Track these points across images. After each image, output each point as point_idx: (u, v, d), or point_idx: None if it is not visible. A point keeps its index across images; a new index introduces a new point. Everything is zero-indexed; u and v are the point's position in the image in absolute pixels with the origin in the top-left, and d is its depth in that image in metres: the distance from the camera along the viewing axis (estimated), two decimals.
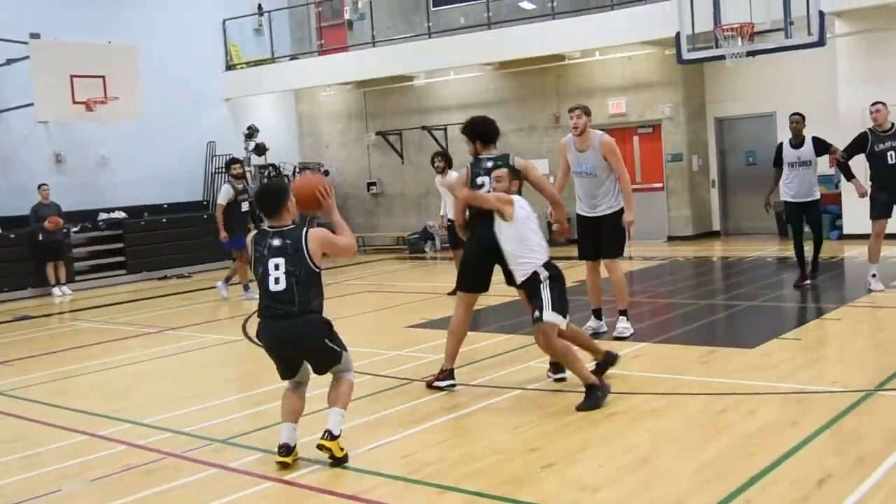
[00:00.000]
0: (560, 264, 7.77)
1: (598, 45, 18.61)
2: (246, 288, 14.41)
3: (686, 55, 15.28)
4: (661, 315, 10.82)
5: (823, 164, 13.03)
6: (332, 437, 5.64)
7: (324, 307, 5.84)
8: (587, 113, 8.95)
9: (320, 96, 23.47)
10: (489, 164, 7.44)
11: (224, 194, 14.35)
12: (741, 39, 14.47)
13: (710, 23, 14.89)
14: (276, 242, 5.64)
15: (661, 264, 15.68)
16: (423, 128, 21.45)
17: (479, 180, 7.43)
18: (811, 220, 11.78)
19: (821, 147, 11.58)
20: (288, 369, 5.90)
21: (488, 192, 7.25)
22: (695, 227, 19.28)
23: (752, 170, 19.33)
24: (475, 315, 11.39)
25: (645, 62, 19.13)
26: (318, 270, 5.71)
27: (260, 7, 22.88)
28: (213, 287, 14.91)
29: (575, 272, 11.69)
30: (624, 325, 9.21)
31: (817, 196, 11.68)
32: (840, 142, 11.87)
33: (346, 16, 22.86)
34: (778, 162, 11.80)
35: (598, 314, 9.44)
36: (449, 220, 13.22)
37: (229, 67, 22.52)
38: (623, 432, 6.09)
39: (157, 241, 19.37)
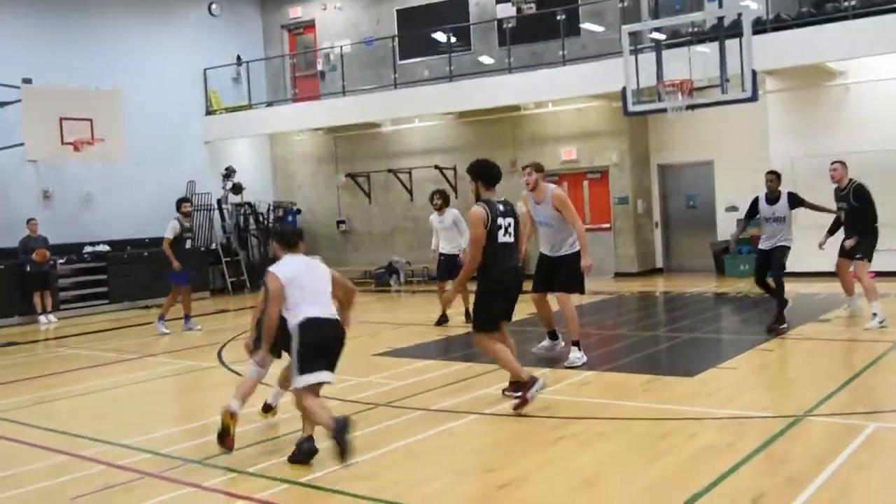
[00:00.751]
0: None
1: (551, 98, 18.77)
2: (188, 319, 14.32)
3: (631, 108, 15.45)
4: (609, 345, 10.85)
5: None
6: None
7: None
8: (538, 169, 9.03)
9: (294, 141, 23.43)
10: (501, 208, 7.46)
11: (171, 229, 13.92)
12: (681, 94, 14.67)
13: (653, 79, 15.08)
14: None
15: (609, 299, 15.74)
16: (389, 171, 21.50)
17: (498, 221, 7.38)
18: (773, 259, 11.13)
19: (796, 202, 11.14)
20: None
21: (506, 233, 7.34)
22: (639, 265, 19.41)
23: (691, 212, 19.58)
24: (435, 344, 11.39)
25: (594, 113, 19.33)
26: None
27: (239, 58, 22.88)
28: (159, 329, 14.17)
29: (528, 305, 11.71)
30: (576, 356, 9.21)
31: (785, 244, 11.08)
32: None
33: (319, 67, 22.94)
34: (750, 214, 11.42)
35: (553, 335, 9.60)
36: (441, 254, 13.11)
37: (209, 113, 22.44)
38: (573, 455, 6.07)
39: (139, 272, 19.11)
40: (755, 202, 11.41)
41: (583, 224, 9.08)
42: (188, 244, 14.17)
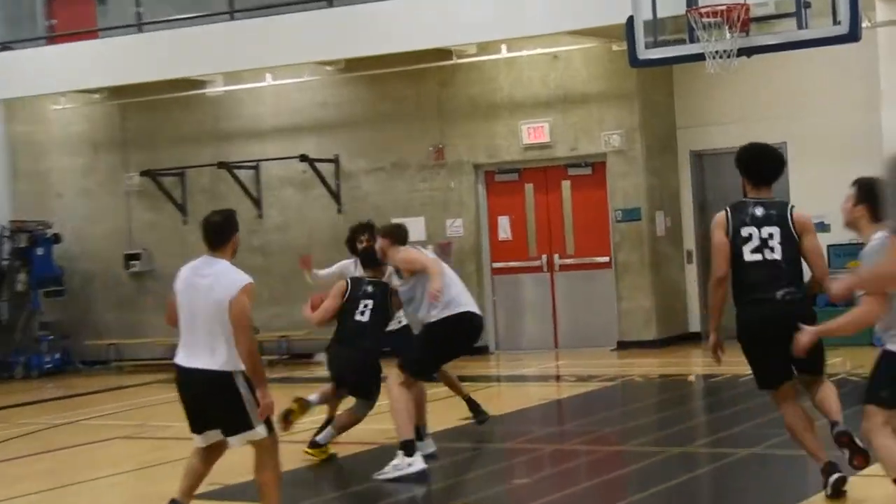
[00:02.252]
0: None
1: (504, 36, 18.89)
2: None
3: (644, 53, 15.61)
4: (605, 472, 10.91)
5: None
6: None
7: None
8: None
9: (49, 112, 23.22)
10: (758, 212, 8.10)
11: None
12: (730, 30, 14.88)
13: (681, 4, 15.28)
14: None
15: (606, 387, 15.81)
16: (221, 164, 21.37)
17: (744, 231, 8.07)
18: None
19: None
20: None
21: (760, 249, 8.08)
22: (660, 328, 19.55)
23: None
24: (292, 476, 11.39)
25: (581, 63, 19.55)
26: None
27: None
28: None
29: None
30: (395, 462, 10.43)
31: None
32: None
33: None
34: None
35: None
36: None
37: None
38: None
39: None
40: None
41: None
42: None
